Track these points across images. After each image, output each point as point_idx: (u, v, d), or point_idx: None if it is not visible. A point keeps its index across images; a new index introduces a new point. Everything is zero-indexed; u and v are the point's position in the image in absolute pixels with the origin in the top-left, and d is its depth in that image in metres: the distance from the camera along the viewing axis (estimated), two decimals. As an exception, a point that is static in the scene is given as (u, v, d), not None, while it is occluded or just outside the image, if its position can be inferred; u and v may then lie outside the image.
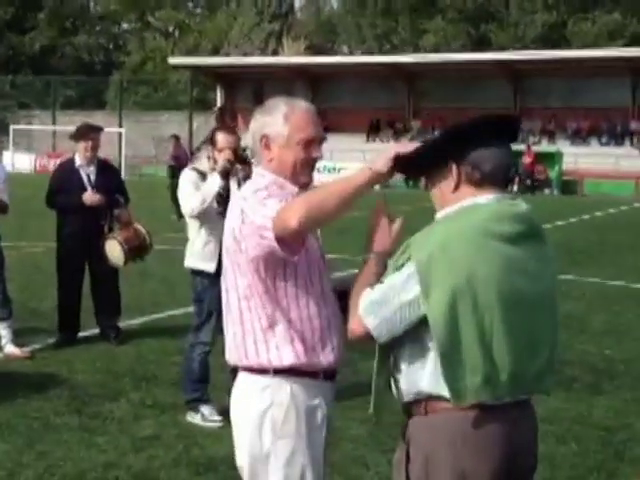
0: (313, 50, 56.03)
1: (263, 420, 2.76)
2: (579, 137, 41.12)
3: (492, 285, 2.37)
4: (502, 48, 49.86)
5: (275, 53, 55.82)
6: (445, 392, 2.43)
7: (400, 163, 2.50)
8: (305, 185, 2.81)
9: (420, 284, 2.38)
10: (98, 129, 7.59)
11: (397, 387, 2.58)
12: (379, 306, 2.44)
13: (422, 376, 2.47)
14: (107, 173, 7.55)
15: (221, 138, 5.35)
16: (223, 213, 5.38)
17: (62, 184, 7.40)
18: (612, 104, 41.02)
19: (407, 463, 2.54)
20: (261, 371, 2.78)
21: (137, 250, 7.11)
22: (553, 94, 43.16)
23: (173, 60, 51.62)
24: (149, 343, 7.54)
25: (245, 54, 54.91)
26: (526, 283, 2.42)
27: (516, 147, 33.11)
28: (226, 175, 5.28)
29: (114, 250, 6.99)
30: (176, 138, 21.41)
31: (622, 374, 6.75)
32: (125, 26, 72.64)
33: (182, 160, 20.98)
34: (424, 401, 2.50)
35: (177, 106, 54.16)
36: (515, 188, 34.95)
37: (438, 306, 2.37)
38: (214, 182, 5.29)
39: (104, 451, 5.00)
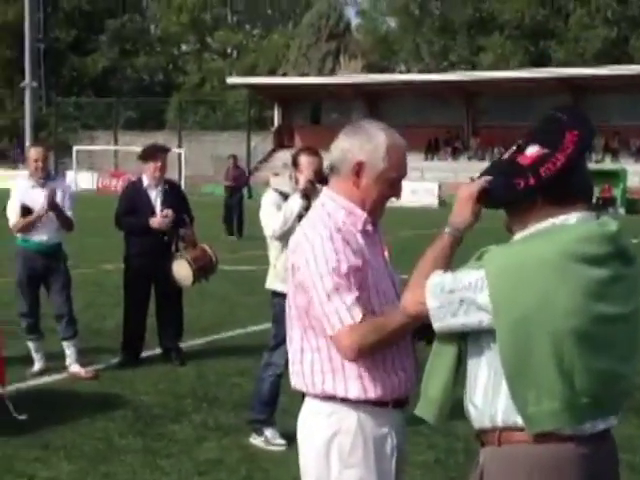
0: (370, 69, 56.15)
1: (330, 447, 2.69)
2: (643, 154, 40.42)
3: (573, 312, 2.25)
4: (561, 64, 49.33)
5: (332, 72, 56.08)
6: (520, 421, 2.34)
7: (483, 199, 2.47)
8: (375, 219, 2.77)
9: (490, 296, 2.29)
10: (166, 150, 7.64)
11: (468, 411, 2.48)
12: (443, 291, 2.36)
13: (496, 404, 2.37)
14: (174, 193, 7.59)
15: (303, 159, 5.34)
16: None
17: (131, 205, 7.45)
18: (677, 120, 40.30)
19: (481, 495, 2.45)
20: (328, 398, 2.71)
21: (205, 270, 7.12)
22: (615, 110, 42.54)
23: (231, 80, 52.24)
24: (210, 364, 7.54)
25: (302, 73, 55.29)
26: (610, 307, 2.30)
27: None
28: (307, 196, 5.26)
29: (182, 269, 7.01)
30: (234, 158, 21.51)
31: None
32: (184, 47, 73.80)
33: (240, 180, 21.12)
34: (498, 431, 2.40)
35: (235, 126, 54.77)
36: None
37: (508, 325, 2.27)
38: (295, 203, 5.26)
39: (168, 474, 4.97)
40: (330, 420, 2.70)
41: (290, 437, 5.55)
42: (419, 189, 36.67)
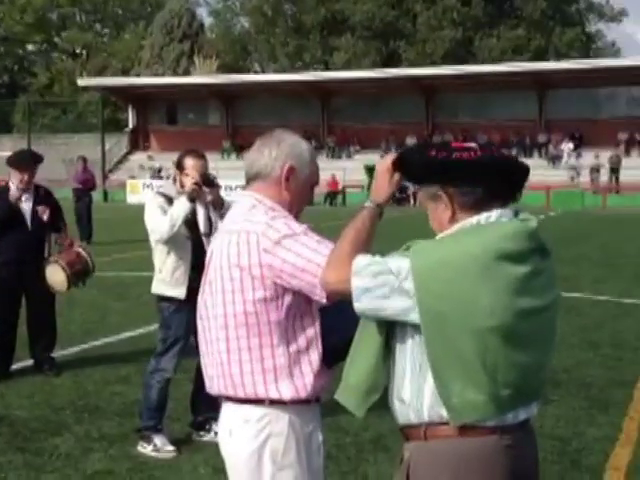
0: (225, 69, 55.91)
1: (262, 452, 2.67)
2: (490, 150, 42.01)
3: (496, 310, 2.29)
4: (411, 64, 50.76)
5: (187, 73, 55.49)
6: (446, 414, 2.37)
7: (397, 165, 2.51)
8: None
9: (414, 288, 2.30)
10: (37, 161, 7.31)
11: (393, 406, 2.49)
12: (368, 272, 2.34)
13: (422, 398, 2.39)
14: (44, 198, 7.31)
15: (189, 162, 5.28)
16: (190, 237, 5.31)
17: None
18: (520, 117, 42.22)
19: (407, 490, 2.47)
20: (258, 401, 2.68)
21: (81, 274, 6.89)
22: (463, 109, 44.14)
23: (82, 81, 50.83)
24: (86, 373, 7.29)
25: (156, 74, 54.43)
26: (532, 301, 2.36)
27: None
28: (194, 199, 5.21)
29: (56, 275, 6.75)
30: (84, 160, 20.83)
31: (565, 382, 6.86)
32: (30, 47, 71.14)
33: (89, 183, 20.47)
34: (424, 425, 2.42)
35: (88, 128, 53.34)
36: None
37: (431, 320, 2.29)
38: (183, 206, 5.19)
39: (55, 489, 4.79)
40: (260, 425, 2.67)
41: (178, 443, 5.48)
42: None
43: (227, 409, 2.75)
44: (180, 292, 5.25)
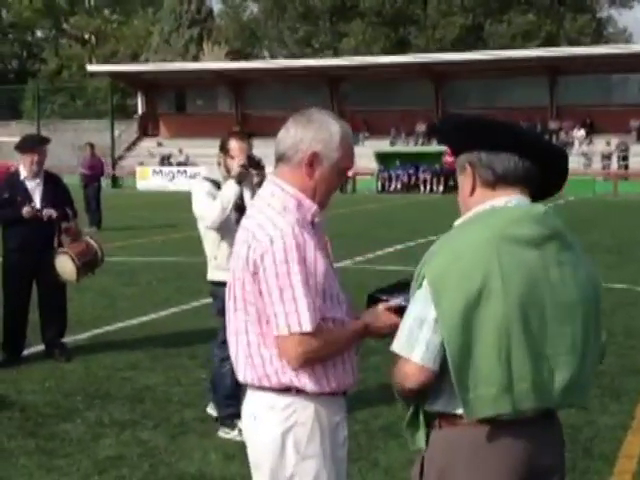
0: (234, 55, 55.77)
1: (286, 440, 2.63)
2: (501, 137, 41.81)
3: (511, 294, 2.26)
4: (421, 50, 50.50)
5: (196, 59, 55.36)
6: (460, 410, 2.34)
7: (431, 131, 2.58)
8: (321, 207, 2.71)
9: (432, 295, 2.29)
10: (44, 142, 7.32)
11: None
12: (416, 336, 2.31)
13: (438, 393, 2.37)
14: (54, 185, 7.31)
15: (234, 144, 5.19)
16: (239, 220, 5.21)
17: (8, 197, 7.13)
18: (531, 104, 41.93)
19: (421, 477, 2.46)
20: (283, 390, 2.64)
21: (90, 264, 6.89)
22: (473, 95, 43.90)
23: (91, 67, 50.76)
24: (97, 359, 7.30)
25: (165, 60, 54.32)
26: (547, 291, 2.32)
27: (438, 147, 33.61)
28: (241, 182, 5.12)
29: (66, 265, 6.75)
30: (91, 146, 20.84)
31: (577, 370, 6.82)
32: (39, 33, 71.10)
33: (97, 169, 20.51)
34: (438, 415, 2.41)
35: (97, 114, 53.29)
36: (441, 189, 35.47)
37: (449, 313, 2.26)
38: (232, 189, 5.09)
39: (66, 474, 4.78)
40: (286, 413, 2.64)
41: (189, 429, 5.46)
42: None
43: (252, 395, 2.72)
44: None
